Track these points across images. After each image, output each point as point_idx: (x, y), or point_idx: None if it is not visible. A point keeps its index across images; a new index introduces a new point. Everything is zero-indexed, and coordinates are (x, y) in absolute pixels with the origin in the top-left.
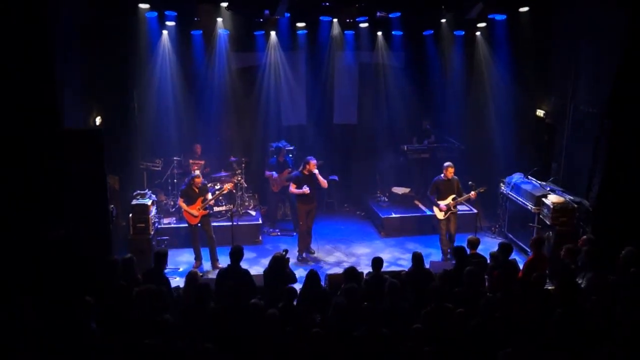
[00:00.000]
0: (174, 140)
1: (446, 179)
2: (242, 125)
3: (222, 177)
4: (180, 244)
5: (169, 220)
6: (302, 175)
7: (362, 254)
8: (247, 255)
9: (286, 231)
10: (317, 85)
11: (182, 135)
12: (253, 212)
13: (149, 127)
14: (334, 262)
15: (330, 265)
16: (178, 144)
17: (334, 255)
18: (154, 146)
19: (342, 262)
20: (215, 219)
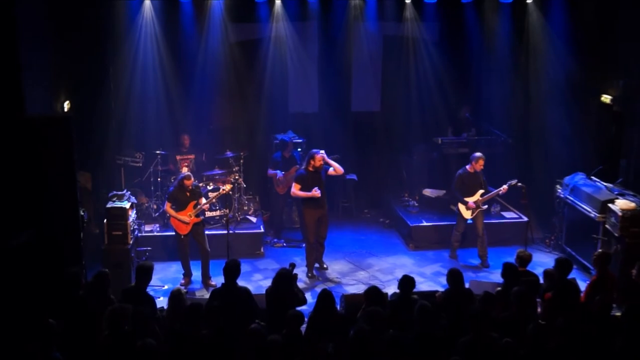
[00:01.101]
0: (158, 130)
1: (472, 172)
2: (241, 113)
3: (216, 175)
4: (165, 256)
5: (152, 227)
6: (306, 174)
7: (386, 270)
8: (245, 271)
9: (293, 242)
10: (331, 64)
11: (168, 124)
12: (253, 219)
13: (127, 114)
14: (352, 280)
15: (347, 284)
16: (162, 135)
17: (352, 272)
18: (133, 137)
19: (362, 280)
20: (207, 226)
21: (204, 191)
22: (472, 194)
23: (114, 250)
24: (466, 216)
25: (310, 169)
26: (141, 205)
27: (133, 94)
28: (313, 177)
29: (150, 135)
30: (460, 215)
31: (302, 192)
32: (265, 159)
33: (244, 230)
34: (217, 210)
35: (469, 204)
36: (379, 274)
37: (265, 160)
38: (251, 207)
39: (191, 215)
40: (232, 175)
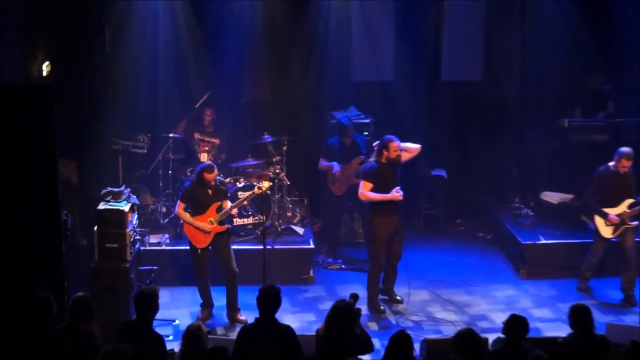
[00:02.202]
0: (169, 105)
1: (617, 174)
2: (284, 82)
3: (249, 168)
4: (176, 279)
5: (160, 239)
6: (379, 167)
7: (486, 305)
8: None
9: (355, 263)
10: (414, 21)
11: (184, 96)
12: (300, 230)
13: (128, 83)
14: (437, 318)
15: (430, 325)
16: (176, 111)
17: (437, 308)
18: (136, 114)
19: (451, 319)
20: (236, 238)
21: (232, 189)
22: (617, 204)
23: (106, 270)
24: (605, 235)
25: (383, 161)
26: (145, 208)
27: (136, 57)
28: (388, 173)
29: (160, 111)
30: (597, 234)
31: (375, 193)
32: (317, 147)
33: (286, 246)
34: (249, 217)
35: (611, 217)
36: (475, 310)
37: (316, 148)
38: (297, 214)
39: (213, 222)
40: (271, 168)
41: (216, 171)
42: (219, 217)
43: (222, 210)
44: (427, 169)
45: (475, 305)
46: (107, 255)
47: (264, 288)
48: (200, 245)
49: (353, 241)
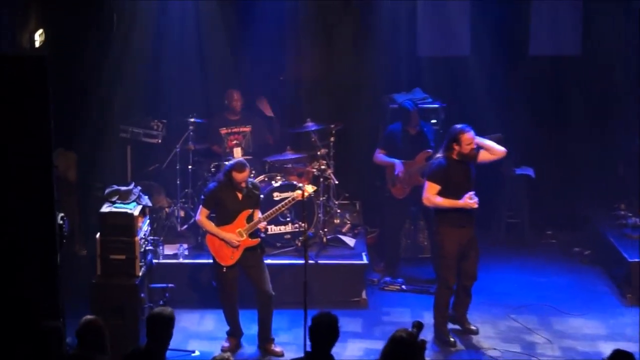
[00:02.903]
0: (190, 86)
1: None
2: (332, 58)
3: (289, 163)
4: (196, 300)
5: (176, 250)
6: (448, 165)
7: (583, 339)
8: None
9: (419, 283)
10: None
11: (207, 74)
12: (350, 241)
13: (139, 58)
14: (521, 353)
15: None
16: (196, 92)
17: (521, 340)
18: (149, 95)
19: (539, 354)
20: (271, 250)
21: (266, 190)
22: None
23: (111, 287)
24: None
25: (454, 157)
26: (159, 211)
27: (148, 24)
28: (460, 172)
29: (178, 93)
30: None
31: (443, 198)
32: (373, 138)
33: (333, 261)
34: (287, 224)
35: None
36: (568, 344)
37: (372, 140)
38: (347, 221)
39: (243, 233)
40: (315, 163)
41: (248, 170)
42: (249, 227)
43: (253, 221)
44: (510, 167)
45: (569, 338)
46: (112, 270)
47: (319, 316)
48: (226, 263)
49: (416, 256)
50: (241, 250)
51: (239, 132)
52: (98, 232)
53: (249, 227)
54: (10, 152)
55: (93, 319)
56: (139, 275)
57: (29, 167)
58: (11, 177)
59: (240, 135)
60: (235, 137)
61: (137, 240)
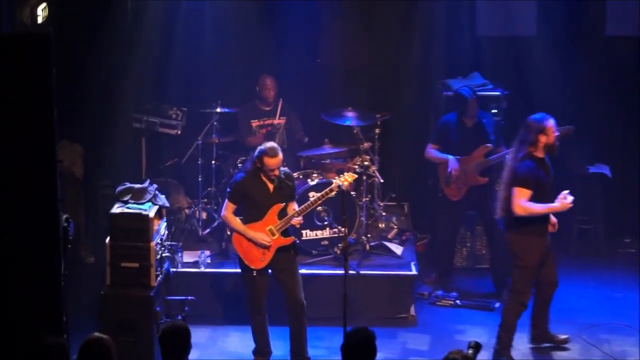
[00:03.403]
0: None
1: None
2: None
3: (327, 158)
4: (220, 314)
5: (197, 257)
6: (536, 164)
7: None
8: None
9: (476, 298)
10: None
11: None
12: (397, 248)
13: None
14: None
15: None
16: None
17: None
18: (167, 79)
19: None
20: (305, 259)
21: (300, 190)
22: None
23: (122, 299)
24: None
25: (538, 153)
26: (178, 213)
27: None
28: (546, 171)
29: (201, 77)
30: None
31: (538, 204)
32: (424, 129)
33: (377, 271)
34: (324, 229)
35: None
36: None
37: (423, 132)
38: (393, 225)
39: (274, 231)
40: (357, 158)
41: (281, 156)
42: (282, 224)
43: (286, 214)
44: (583, 164)
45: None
46: (124, 279)
47: (354, 332)
48: (255, 265)
49: (473, 266)
50: (273, 252)
51: (272, 124)
52: (107, 236)
53: (281, 223)
54: (7, 146)
55: (99, 338)
56: (154, 286)
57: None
58: (8, 174)
59: (272, 128)
60: (267, 129)
61: (153, 246)
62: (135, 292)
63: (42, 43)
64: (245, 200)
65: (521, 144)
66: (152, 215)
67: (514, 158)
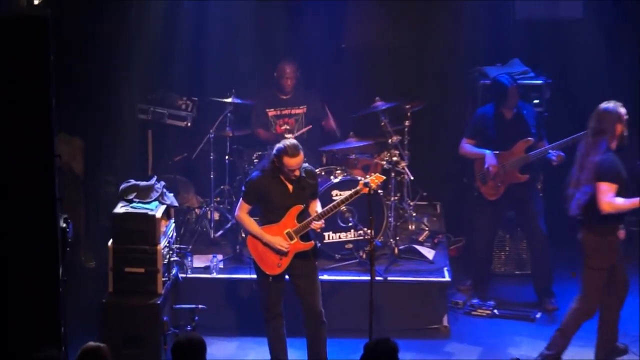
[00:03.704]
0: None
1: None
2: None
3: (352, 152)
4: (234, 325)
5: (209, 262)
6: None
7: None
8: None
9: (516, 307)
10: None
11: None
12: (429, 252)
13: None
14: None
15: None
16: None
17: None
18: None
19: None
20: (328, 264)
21: (322, 187)
22: None
23: (126, 309)
24: None
25: (613, 146)
26: (188, 213)
27: None
28: (623, 164)
29: (213, 64)
30: None
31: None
32: (459, 122)
33: (407, 277)
34: (349, 231)
35: None
36: None
37: (458, 124)
38: (424, 227)
39: (293, 235)
40: (385, 153)
41: (302, 155)
42: (301, 228)
43: (306, 216)
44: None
45: None
46: (128, 286)
47: (374, 343)
48: (271, 271)
49: (513, 272)
50: (291, 257)
51: (290, 114)
52: (110, 239)
53: (301, 227)
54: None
55: (95, 347)
56: (162, 294)
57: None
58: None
59: (292, 118)
60: (286, 120)
61: (160, 249)
62: (141, 301)
63: (39, 26)
64: (261, 200)
65: (598, 135)
66: (159, 216)
67: (596, 151)
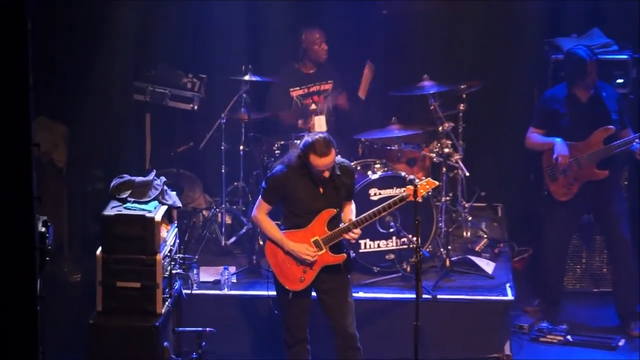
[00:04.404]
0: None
1: None
2: None
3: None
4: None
5: (219, 275)
6: None
7: None
8: None
9: (593, 332)
10: None
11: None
12: (487, 265)
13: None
14: None
15: None
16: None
17: None
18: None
19: None
20: (365, 278)
21: (360, 184)
22: None
23: (119, 331)
24: None
25: None
26: (193, 215)
27: None
28: None
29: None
30: None
31: None
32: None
33: (460, 295)
34: (389, 238)
35: None
36: None
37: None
38: (482, 233)
39: (321, 244)
40: (435, 143)
41: (334, 153)
42: (332, 236)
43: (339, 222)
44: None
45: None
46: (121, 304)
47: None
48: (293, 287)
49: (590, 290)
50: (317, 270)
51: (319, 91)
52: (99, 247)
53: (331, 235)
54: None
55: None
56: (162, 314)
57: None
58: None
59: (321, 96)
60: (315, 98)
61: (160, 260)
62: (136, 322)
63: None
64: (285, 200)
65: None
66: (158, 219)
67: None
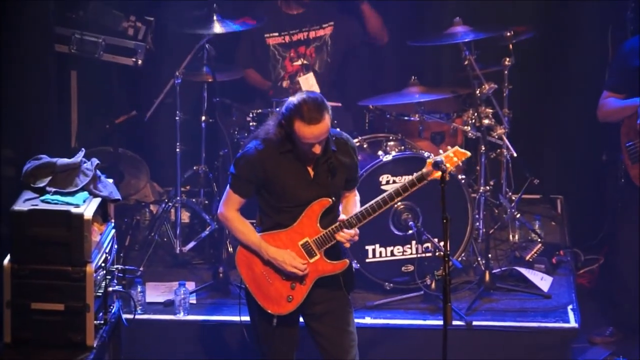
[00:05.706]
0: None
1: None
2: None
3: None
4: None
5: (170, 294)
6: None
7: None
8: None
9: None
10: None
11: None
12: (542, 281)
13: None
14: None
15: None
16: None
17: None
18: None
19: None
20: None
21: (367, 168)
22: None
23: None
24: None
25: None
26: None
27: None
28: None
29: None
30: None
31: None
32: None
33: (504, 322)
34: (408, 242)
35: None
36: None
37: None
38: (536, 236)
39: (312, 247)
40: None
41: (328, 118)
42: (326, 236)
43: (335, 217)
44: None
45: None
46: (37, 334)
47: None
48: (277, 309)
49: None
50: (310, 283)
51: (308, 39)
52: (7, 254)
53: (326, 235)
54: None
55: None
56: (94, 347)
57: None
58: None
59: (311, 46)
60: (300, 50)
61: (91, 272)
62: (58, 356)
63: None
64: (262, 190)
65: None
66: (89, 216)
67: None
